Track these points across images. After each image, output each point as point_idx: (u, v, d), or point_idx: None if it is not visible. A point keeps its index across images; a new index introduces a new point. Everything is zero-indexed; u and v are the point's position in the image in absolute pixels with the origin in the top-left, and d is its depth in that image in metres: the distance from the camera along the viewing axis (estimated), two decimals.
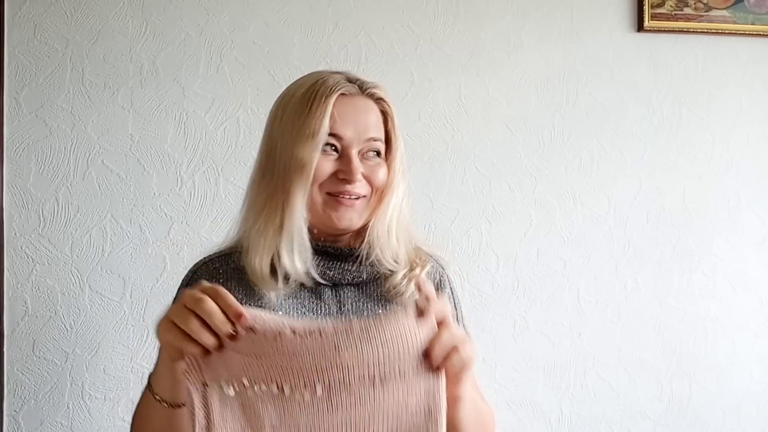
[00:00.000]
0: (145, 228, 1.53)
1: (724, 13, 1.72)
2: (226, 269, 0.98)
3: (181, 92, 1.55)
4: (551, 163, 1.68)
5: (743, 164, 1.75)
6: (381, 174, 0.96)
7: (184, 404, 0.78)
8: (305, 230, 0.93)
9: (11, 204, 1.49)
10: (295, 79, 1.01)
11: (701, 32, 1.72)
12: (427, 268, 1.04)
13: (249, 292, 0.95)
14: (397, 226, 0.99)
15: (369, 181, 0.96)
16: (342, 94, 0.94)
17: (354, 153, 0.93)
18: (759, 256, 1.75)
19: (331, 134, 0.92)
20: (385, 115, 0.98)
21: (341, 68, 1.59)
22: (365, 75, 1.62)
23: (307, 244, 0.93)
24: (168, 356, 0.76)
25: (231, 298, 0.71)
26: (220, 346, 0.70)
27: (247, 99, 1.57)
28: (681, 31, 1.71)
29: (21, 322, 1.48)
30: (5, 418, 1.48)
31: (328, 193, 0.94)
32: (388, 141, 0.99)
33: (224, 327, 0.69)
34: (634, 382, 1.70)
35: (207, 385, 0.72)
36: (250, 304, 0.94)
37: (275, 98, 1.15)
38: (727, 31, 1.72)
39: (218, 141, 1.55)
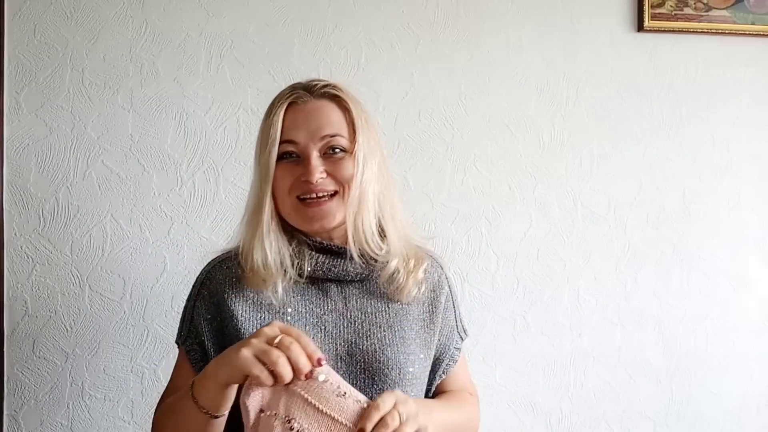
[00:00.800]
0: (145, 228, 1.53)
1: (724, 13, 1.72)
2: (237, 269, 1.02)
3: (181, 92, 1.55)
4: (551, 163, 1.68)
5: (743, 164, 1.75)
6: (346, 167, 0.99)
7: (223, 415, 0.86)
8: (274, 228, 1.00)
9: (11, 204, 1.49)
10: (292, 77, 1.05)
11: (701, 32, 1.72)
12: (425, 265, 1.07)
13: (259, 291, 1.00)
14: (371, 212, 1.01)
15: (333, 176, 0.99)
16: (292, 102, 1.00)
17: (313, 154, 0.98)
18: (759, 256, 1.75)
19: (286, 141, 0.99)
20: (346, 111, 1.02)
21: (341, 68, 1.60)
22: (365, 75, 1.64)
23: (278, 241, 0.99)
24: (229, 377, 0.82)
25: (311, 342, 0.80)
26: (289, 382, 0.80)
27: (247, 99, 1.57)
28: (681, 31, 1.71)
29: (21, 322, 1.48)
30: (5, 418, 1.48)
31: (298, 198, 0.99)
32: (353, 134, 1.01)
33: (305, 366, 0.79)
34: (634, 382, 1.70)
35: (263, 412, 0.81)
36: (260, 301, 1.00)
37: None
38: (727, 31, 1.72)
39: (218, 141, 1.55)
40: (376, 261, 1.02)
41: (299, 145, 0.99)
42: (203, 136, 1.55)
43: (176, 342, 1.07)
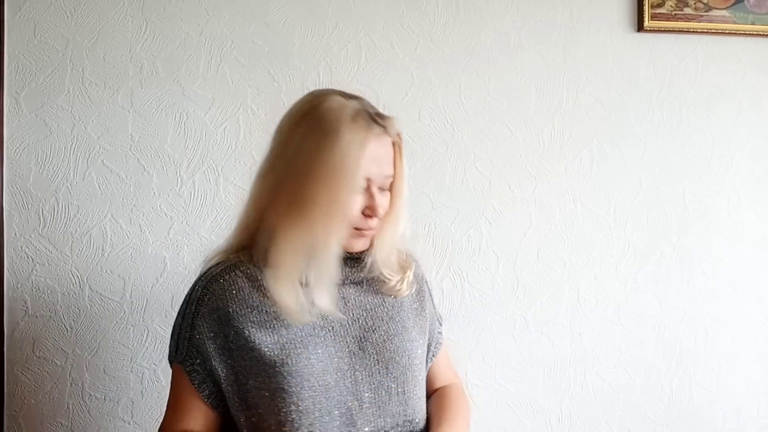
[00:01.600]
0: (145, 228, 1.53)
1: (724, 13, 1.72)
2: (238, 279, 1.01)
3: (181, 92, 1.55)
4: (551, 163, 1.68)
5: (743, 164, 1.75)
6: (387, 203, 1.04)
7: None
8: (337, 267, 1.00)
9: (11, 204, 1.49)
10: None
11: (701, 32, 1.72)
12: (413, 268, 1.14)
13: (265, 297, 1.00)
14: (396, 246, 1.09)
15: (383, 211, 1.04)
16: (377, 133, 1.00)
17: (376, 190, 1.01)
18: (759, 256, 1.75)
19: (367, 177, 1.00)
20: (395, 147, 1.05)
21: (341, 68, 1.60)
22: (365, 75, 1.64)
23: (335, 278, 1.00)
24: None
25: None
26: None
27: (247, 99, 1.57)
28: (681, 31, 1.71)
29: (21, 322, 1.48)
30: (5, 418, 1.48)
31: (355, 228, 1.01)
32: (395, 171, 1.05)
33: None
34: (634, 382, 1.70)
35: None
36: (265, 310, 1.00)
37: (275, 98, 1.15)
38: (727, 31, 1.72)
39: (218, 141, 1.56)
40: (378, 269, 1.07)
41: (370, 180, 1.01)
42: (203, 136, 1.55)
43: (171, 360, 1.04)
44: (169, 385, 1.05)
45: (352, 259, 1.07)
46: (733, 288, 1.74)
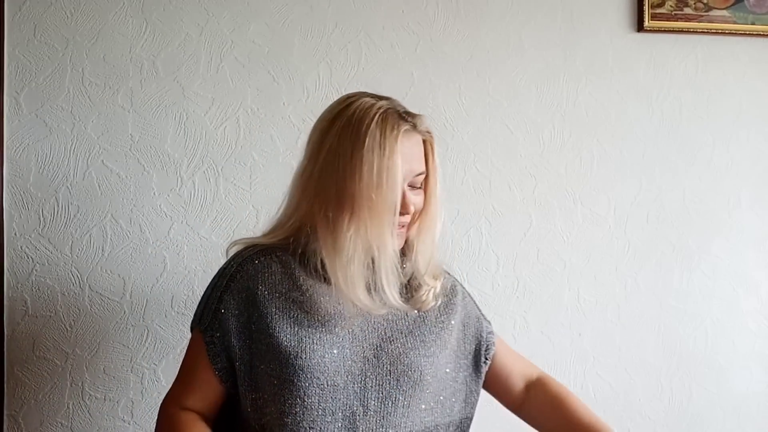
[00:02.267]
0: (145, 228, 1.53)
1: (724, 13, 1.72)
2: (270, 267, 1.03)
3: (181, 92, 1.55)
4: (551, 163, 1.68)
5: (743, 164, 1.75)
6: (420, 202, 1.06)
7: None
8: (397, 261, 1.02)
9: (11, 204, 1.49)
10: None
11: (701, 32, 1.72)
12: (442, 280, 1.13)
13: (294, 286, 1.02)
14: (436, 248, 1.09)
15: (414, 209, 1.05)
16: (405, 130, 1.02)
17: (407, 189, 1.02)
18: (759, 256, 1.75)
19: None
20: (426, 145, 1.06)
21: (341, 68, 1.60)
22: (365, 75, 1.64)
23: (399, 272, 1.03)
24: None
25: None
26: None
27: (247, 99, 1.57)
28: (681, 31, 1.71)
29: (21, 322, 1.48)
30: (5, 418, 1.48)
31: None
32: (427, 168, 1.07)
33: None
34: (634, 382, 1.70)
35: None
36: (292, 298, 1.02)
37: (275, 98, 1.14)
38: (727, 31, 1.72)
39: (218, 141, 1.55)
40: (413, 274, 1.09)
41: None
42: (203, 136, 1.55)
43: (193, 326, 1.07)
44: (181, 361, 1.07)
45: None
46: (733, 288, 1.74)
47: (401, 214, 1.01)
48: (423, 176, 1.05)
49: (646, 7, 1.68)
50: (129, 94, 1.53)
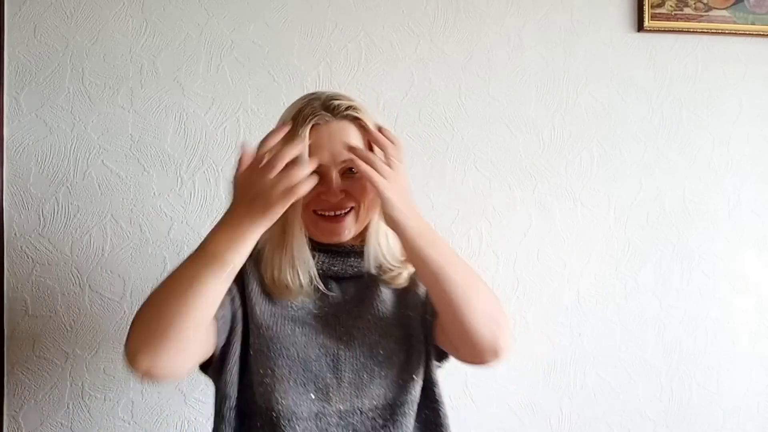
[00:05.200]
0: (145, 228, 1.53)
1: (724, 13, 1.72)
2: (252, 267, 1.06)
3: (181, 92, 1.55)
4: (551, 163, 1.68)
5: (743, 164, 1.75)
6: (363, 187, 1.04)
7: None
8: (306, 246, 1.04)
9: (11, 204, 1.49)
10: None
11: (701, 32, 1.72)
12: (410, 268, 1.12)
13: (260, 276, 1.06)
14: (382, 229, 1.08)
15: (351, 195, 1.04)
16: (316, 124, 1.02)
17: (334, 174, 1.02)
18: (759, 256, 1.75)
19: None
20: (365, 132, 1.05)
21: (341, 68, 1.60)
22: (365, 75, 1.64)
23: (309, 258, 1.05)
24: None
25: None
26: None
27: (247, 99, 1.57)
28: (681, 31, 1.71)
29: (21, 322, 1.48)
30: (5, 418, 1.48)
31: (314, 212, 1.04)
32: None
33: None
34: (634, 382, 1.70)
35: None
36: (270, 298, 1.05)
37: (275, 98, 1.14)
38: (727, 31, 1.72)
39: (218, 141, 1.55)
40: (378, 260, 1.08)
41: (321, 167, 1.01)
42: (203, 136, 1.55)
43: None
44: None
45: (355, 253, 1.09)
46: (733, 288, 1.74)
47: (326, 200, 1.02)
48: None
49: (646, 7, 1.68)
50: (129, 94, 1.53)
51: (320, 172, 1.00)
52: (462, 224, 1.64)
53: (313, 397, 1.00)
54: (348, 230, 1.05)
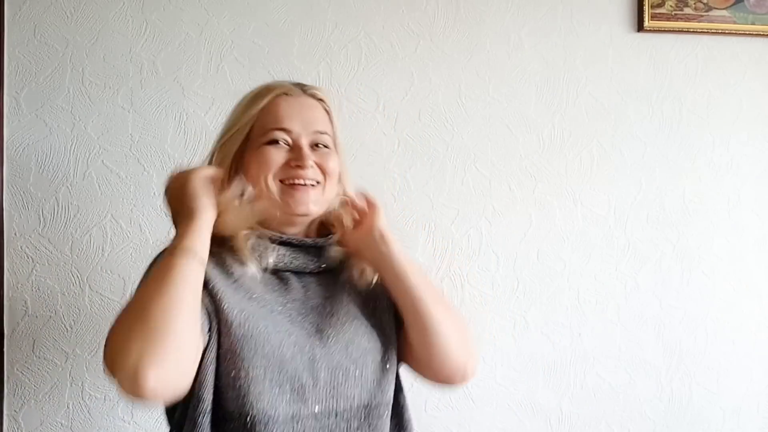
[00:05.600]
0: (145, 228, 1.53)
1: (724, 13, 1.72)
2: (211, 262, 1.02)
3: (181, 92, 1.55)
4: (551, 163, 1.68)
5: (743, 164, 1.75)
6: (332, 162, 1.07)
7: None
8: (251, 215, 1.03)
9: (11, 204, 1.49)
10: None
11: (701, 32, 1.72)
12: None
13: (228, 272, 1.01)
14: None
15: (321, 168, 1.05)
16: (285, 93, 1.06)
17: (304, 143, 1.04)
18: (759, 256, 1.75)
19: (280, 129, 1.04)
20: (329, 115, 1.10)
21: (341, 68, 1.60)
22: (365, 75, 1.64)
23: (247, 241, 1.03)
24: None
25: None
26: None
27: None
28: (681, 31, 1.71)
29: (21, 322, 1.48)
30: (5, 418, 1.48)
31: (282, 181, 1.03)
32: (334, 138, 1.11)
33: None
34: (634, 382, 1.70)
35: None
36: (235, 280, 1.00)
37: None
38: (727, 31, 1.72)
39: None
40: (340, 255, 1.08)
41: (293, 134, 1.04)
42: (203, 136, 1.55)
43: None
44: None
45: (315, 247, 1.07)
46: (733, 288, 1.74)
47: (297, 167, 1.02)
48: (327, 137, 1.07)
49: (646, 7, 1.68)
50: (129, 94, 1.53)
51: (291, 140, 1.04)
52: (462, 224, 1.64)
53: (288, 398, 0.94)
54: (314, 203, 1.04)
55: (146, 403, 0.82)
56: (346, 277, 1.08)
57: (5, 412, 1.48)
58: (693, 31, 1.71)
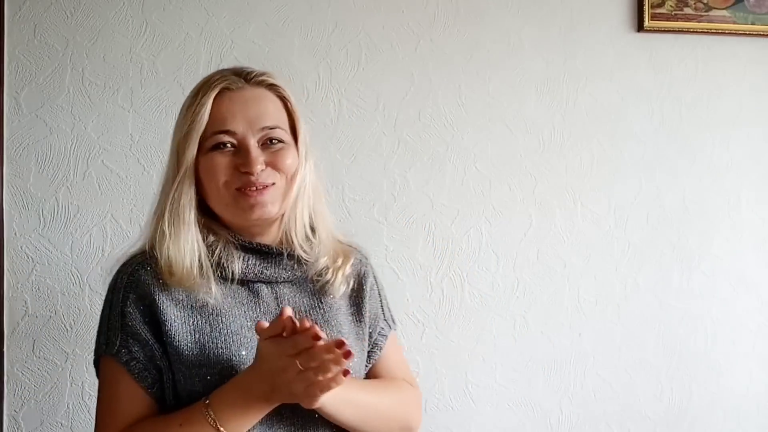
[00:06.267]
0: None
1: (724, 13, 1.72)
2: (158, 269, 0.94)
3: (181, 92, 1.54)
4: (551, 163, 1.68)
5: (743, 164, 1.75)
6: (288, 158, 0.96)
7: None
8: (194, 222, 0.95)
9: (11, 204, 1.49)
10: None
11: (701, 32, 1.72)
12: (351, 260, 1.04)
13: (189, 290, 0.93)
14: (306, 208, 1.00)
15: (274, 167, 0.95)
16: (226, 88, 0.94)
17: (251, 143, 0.93)
18: (759, 256, 1.75)
19: (223, 132, 0.93)
20: (284, 101, 0.98)
21: (341, 68, 1.60)
22: (365, 75, 1.64)
23: (198, 238, 0.94)
24: (278, 401, 0.88)
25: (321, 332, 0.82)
26: None
27: None
28: (681, 31, 1.71)
29: (21, 322, 1.48)
30: (5, 418, 1.48)
31: (237, 189, 0.94)
32: (293, 126, 0.99)
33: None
34: (634, 382, 1.70)
35: None
36: (191, 303, 0.93)
37: None
38: (727, 31, 1.72)
39: None
40: (307, 262, 0.99)
41: (237, 135, 0.93)
42: None
43: (100, 355, 0.97)
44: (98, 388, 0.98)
45: (289, 256, 0.98)
46: (733, 288, 1.74)
47: (246, 173, 0.92)
48: (278, 131, 0.95)
49: (646, 7, 1.68)
50: (129, 94, 1.53)
51: (237, 143, 0.93)
52: (462, 224, 1.64)
53: (264, 418, 0.89)
54: (272, 204, 0.94)
55: None
56: (321, 286, 1.00)
57: (5, 412, 1.48)
58: (693, 31, 1.71)
